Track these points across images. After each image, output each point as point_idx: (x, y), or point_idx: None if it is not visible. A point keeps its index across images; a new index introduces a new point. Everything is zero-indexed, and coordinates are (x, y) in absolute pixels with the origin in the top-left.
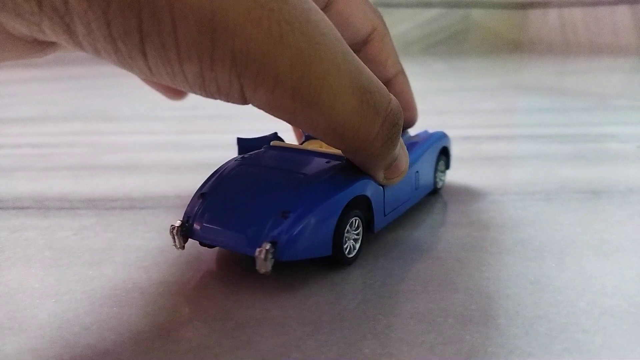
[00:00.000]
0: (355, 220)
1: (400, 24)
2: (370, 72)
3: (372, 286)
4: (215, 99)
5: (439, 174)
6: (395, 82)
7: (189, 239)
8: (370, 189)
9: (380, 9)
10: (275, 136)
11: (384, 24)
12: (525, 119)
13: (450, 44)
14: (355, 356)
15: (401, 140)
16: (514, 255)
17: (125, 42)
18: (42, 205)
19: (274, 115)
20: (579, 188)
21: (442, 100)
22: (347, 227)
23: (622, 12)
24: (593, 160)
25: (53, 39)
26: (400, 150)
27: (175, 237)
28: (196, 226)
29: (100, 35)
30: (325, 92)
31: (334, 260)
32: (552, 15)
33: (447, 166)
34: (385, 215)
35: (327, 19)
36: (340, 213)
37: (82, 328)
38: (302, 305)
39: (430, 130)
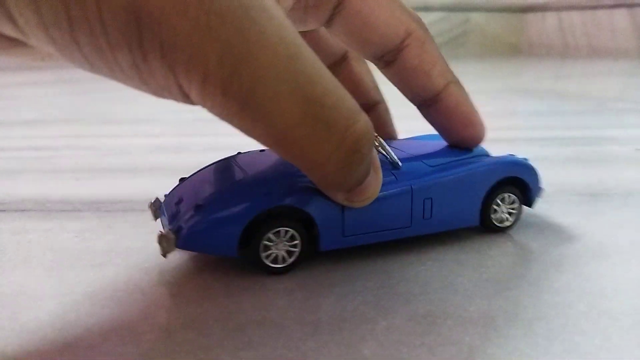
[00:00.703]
0: (285, 231)
1: None
2: (334, 85)
3: (371, 288)
4: (163, 97)
5: (500, 210)
6: (446, 95)
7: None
8: (313, 204)
9: None
10: None
11: (424, 28)
12: (524, 122)
13: (449, 48)
14: (355, 358)
15: (376, 162)
16: (513, 257)
17: (57, 29)
18: (44, 208)
19: (219, 117)
20: (578, 191)
21: None
22: (270, 235)
23: (621, 16)
24: (592, 163)
25: (4, 30)
26: (373, 173)
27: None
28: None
29: (34, 24)
30: (260, 94)
31: (256, 265)
32: (551, 18)
33: (526, 202)
34: (345, 236)
35: (279, 19)
36: (254, 219)
37: (84, 329)
38: (302, 307)
39: (497, 153)
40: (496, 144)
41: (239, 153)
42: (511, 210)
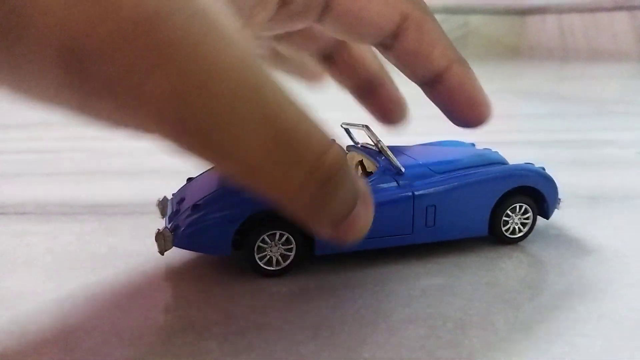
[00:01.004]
0: (281, 234)
1: None
2: (303, 114)
3: (371, 291)
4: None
5: (512, 220)
6: (449, 76)
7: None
8: None
9: None
10: None
11: (422, 8)
12: (524, 124)
13: None
14: None
15: (364, 189)
16: (513, 260)
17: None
18: (44, 211)
19: (184, 154)
20: (578, 194)
21: None
22: (265, 237)
23: (621, 18)
24: (592, 166)
25: None
26: (361, 205)
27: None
28: None
29: None
30: (222, 131)
31: (251, 267)
32: (551, 21)
33: (542, 213)
34: None
35: (238, 46)
36: (248, 219)
37: (84, 332)
38: (303, 310)
39: (512, 160)
40: (496, 146)
41: None
42: (524, 221)
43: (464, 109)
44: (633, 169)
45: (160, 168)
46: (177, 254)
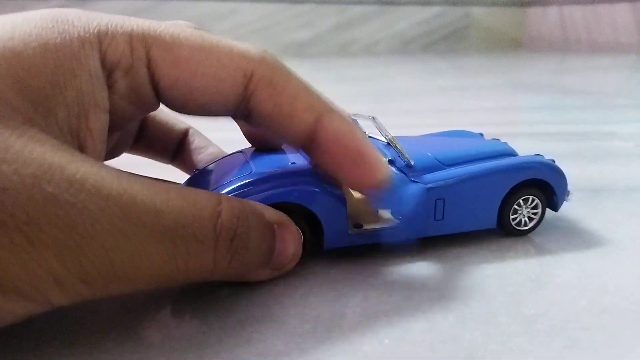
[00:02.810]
0: None
1: (401, 22)
2: (178, 200)
3: (372, 284)
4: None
5: (521, 212)
6: (321, 131)
7: None
8: (318, 202)
9: (380, 7)
10: None
11: (270, 62)
12: (525, 116)
13: (450, 42)
14: (355, 354)
15: (278, 217)
16: (514, 252)
17: None
18: None
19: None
20: (579, 186)
21: (442, 98)
22: None
23: (622, 10)
24: (593, 159)
25: None
26: (283, 233)
27: None
28: None
29: None
30: (115, 268)
31: None
32: (552, 13)
33: (551, 206)
34: (349, 235)
35: (94, 179)
36: None
37: (83, 327)
38: (303, 303)
39: (523, 152)
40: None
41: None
42: (532, 215)
43: (349, 168)
44: (634, 161)
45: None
46: None
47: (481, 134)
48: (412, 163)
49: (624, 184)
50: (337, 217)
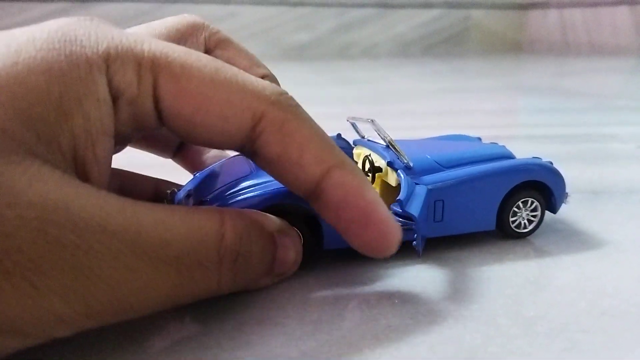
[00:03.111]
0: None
1: (400, 25)
2: (180, 225)
3: (372, 286)
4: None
5: (520, 215)
6: (328, 186)
7: None
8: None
9: (379, 10)
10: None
11: (284, 106)
12: (525, 119)
13: (450, 45)
14: (355, 356)
15: (278, 226)
16: (514, 255)
17: None
18: None
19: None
20: (579, 188)
21: (442, 100)
22: None
23: (622, 13)
24: (593, 161)
25: None
26: (284, 242)
27: None
28: None
29: None
30: (123, 302)
31: None
32: (552, 15)
33: (550, 208)
34: None
35: (99, 215)
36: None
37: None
38: (302, 305)
39: (520, 154)
40: (498, 141)
41: None
42: (532, 217)
43: (357, 229)
44: (634, 163)
45: (164, 162)
46: None
47: (479, 138)
48: (411, 165)
49: (624, 186)
50: None
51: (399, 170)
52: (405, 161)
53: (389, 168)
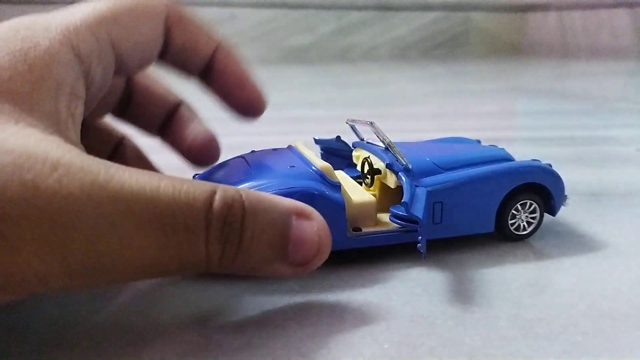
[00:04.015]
0: None
1: (400, 27)
2: (164, 185)
3: (371, 289)
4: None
5: (519, 217)
6: (217, 59)
7: None
8: (313, 204)
9: (379, 13)
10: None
11: (178, 5)
12: (524, 121)
13: (450, 47)
14: (356, 358)
15: (299, 206)
16: (514, 257)
17: None
18: None
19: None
20: (579, 190)
21: (442, 103)
22: None
23: (622, 15)
24: (593, 163)
25: None
26: (298, 223)
27: None
28: None
29: None
30: (103, 260)
31: None
32: (552, 18)
33: (549, 211)
34: (347, 238)
35: (75, 170)
36: None
37: (84, 330)
38: (302, 308)
39: (519, 156)
40: (497, 143)
41: (253, 151)
42: (531, 219)
43: (236, 91)
44: (634, 165)
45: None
46: None
47: (479, 141)
48: (410, 167)
49: (624, 188)
50: (336, 220)
51: (399, 173)
52: (404, 163)
53: (388, 170)
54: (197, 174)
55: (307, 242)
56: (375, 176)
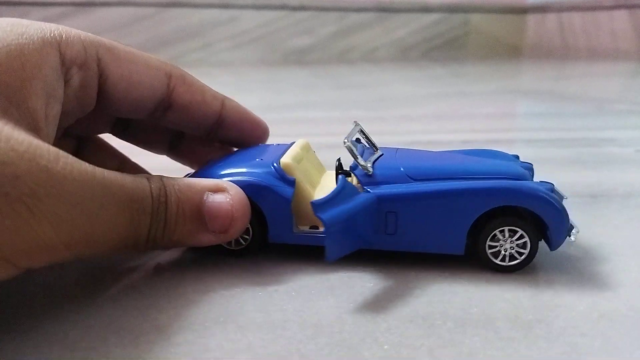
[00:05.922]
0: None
1: (400, 29)
2: (128, 179)
3: (371, 290)
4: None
5: (501, 245)
6: (226, 110)
7: None
8: (262, 197)
9: (379, 14)
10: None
11: (176, 66)
12: (524, 123)
13: (449, 49)
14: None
15: (215, 183)
16: None
17: None
18: None
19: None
20: (578, 192)
21: (441, 104)
22: None
23: (621, 17)
24: (592, 165)
25: None
26: (211, 197)
27: None
28: None
29: None
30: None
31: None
32: (551, 19)
33: (547, 242)
34: (293, 233)
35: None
36: None
37: (84, 330)
38: (303, 309)
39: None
40: (496, 145)
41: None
42: (522, 250)
43: (251, 133)
44: (633, 167)
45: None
46: (176, 252)
47: (517, 156)
48: (371, 172)
49: (623, 190)
50: (281, 214)
51: (349, 176)
52: (365, 168)
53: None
54: (187, 174)
55: (222, 211)
56: (347, 178)
